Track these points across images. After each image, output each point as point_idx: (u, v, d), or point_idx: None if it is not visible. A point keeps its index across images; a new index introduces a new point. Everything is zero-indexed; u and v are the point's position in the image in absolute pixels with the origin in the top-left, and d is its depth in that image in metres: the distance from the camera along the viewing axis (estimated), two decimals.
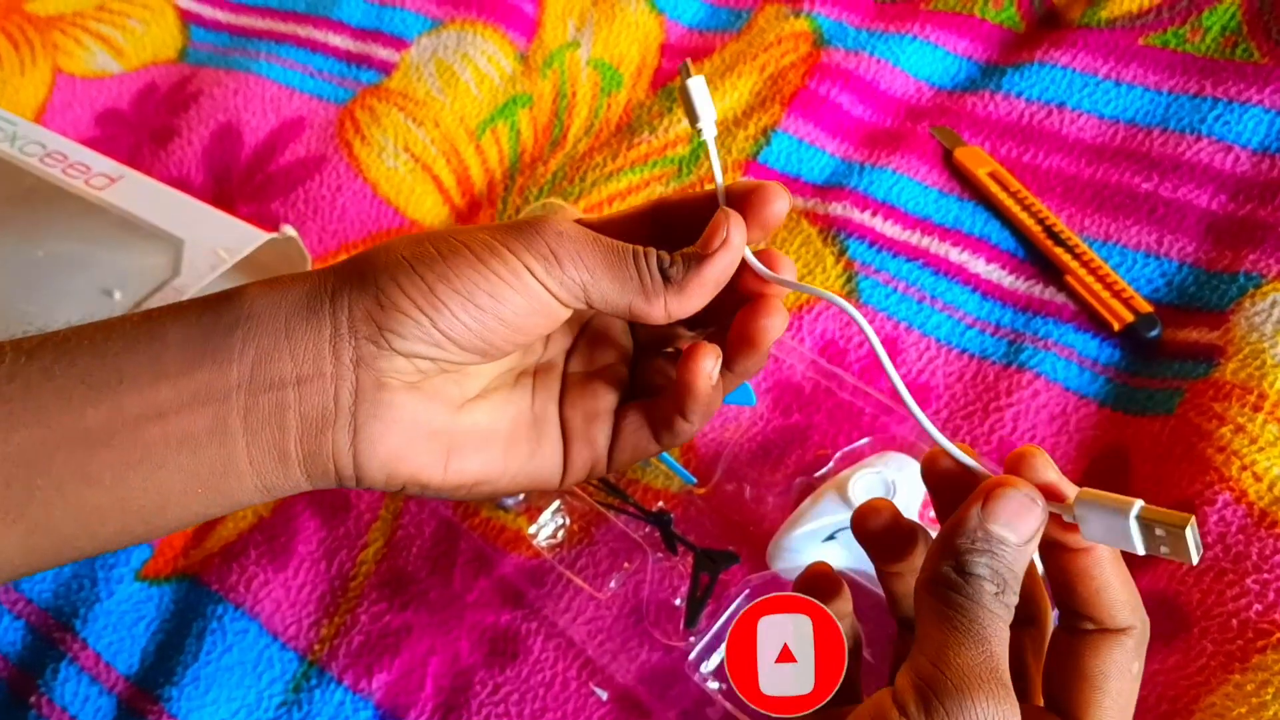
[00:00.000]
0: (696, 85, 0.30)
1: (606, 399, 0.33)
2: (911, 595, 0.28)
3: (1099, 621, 0.27)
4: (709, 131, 0.31)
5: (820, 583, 0.31)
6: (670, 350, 0.34)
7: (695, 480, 0.49)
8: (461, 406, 0.31)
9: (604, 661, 0.45)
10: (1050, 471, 0.27)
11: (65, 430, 0.26)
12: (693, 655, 0.42)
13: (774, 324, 0.30)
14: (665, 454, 0.49)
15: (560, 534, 0.48)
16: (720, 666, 0.43)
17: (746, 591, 0.44)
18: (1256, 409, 0.43)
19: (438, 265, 0.27)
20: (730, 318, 0.31)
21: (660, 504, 0.48)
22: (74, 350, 0.27)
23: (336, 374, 0.28)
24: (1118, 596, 0.27)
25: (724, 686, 0.42)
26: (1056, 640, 0.28)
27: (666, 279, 0.29)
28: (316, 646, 0.47)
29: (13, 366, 0.27)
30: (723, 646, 0.43)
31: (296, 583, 0.49)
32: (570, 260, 0.28)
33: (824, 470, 0.47)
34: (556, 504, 0.48)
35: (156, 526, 0.28)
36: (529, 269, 0.28)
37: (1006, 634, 0.25)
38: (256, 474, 0.28)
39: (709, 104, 0.31)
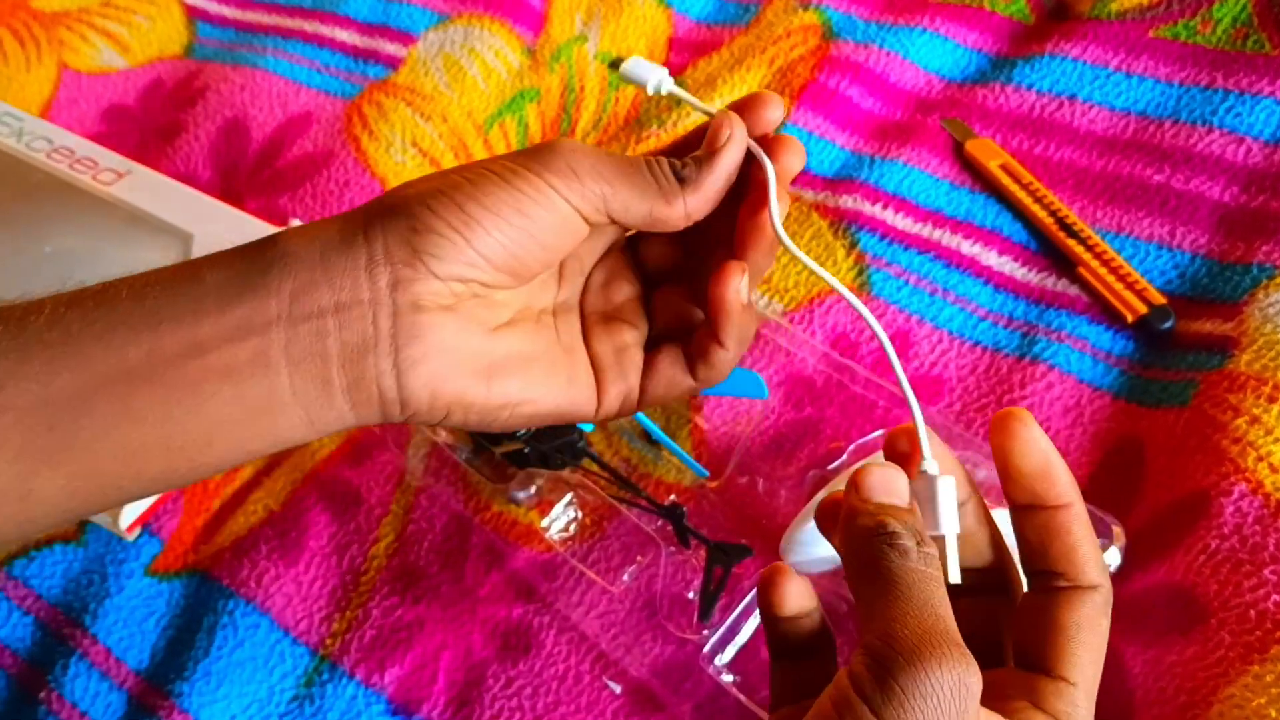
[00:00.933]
0: (628, 66, 0.34)
1: (630, 333, 0.34)
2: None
3: (1071, 578, 0.27)
4: (666, 84, 0.34)
5: (776, 579, 0.30)
6: (681, 286, 0.35)
7: (707, 474, 0.49)
8: (495, 330, 0.31)
9: (617, 655, 0.44)
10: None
11: (107, 371, 0.27)
12: (707, 648, 0.42)
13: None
14: (677, 447, 0.49)
15: (572, 527, 0.48)
16: (735, 659, 0.43)
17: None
18: (1272, 400, 0.43)
19: (466, 188, 0.29)
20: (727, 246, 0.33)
21: (673, 497, 0.48)
22: (113, 298, 0.28)
23: (374, 299, 0.28)
24: (1090, 554, 0.28)
25: (738, 679, 0.42)
26: (1027, 602, 0.28)
27: (681, 180, 0.30)
28: (328, 641, 0.47)
29: (52, 315, 0.27)
30: (737, 639, 0.43)
31: (308, 577, 0.48)
32: (589, 174, 0.29)
33: (837, 463, 0.47)
34: (569, 497, 0.48)
35: (201, 464, 0.28)
36: (552, 186, 0.29)
37: (944, 595, 0.25)
38: (301, 406, 0.28)
39: (648, 67, 0.34)
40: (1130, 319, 0.50)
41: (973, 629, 0.29)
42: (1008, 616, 0.29)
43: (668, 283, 0.35)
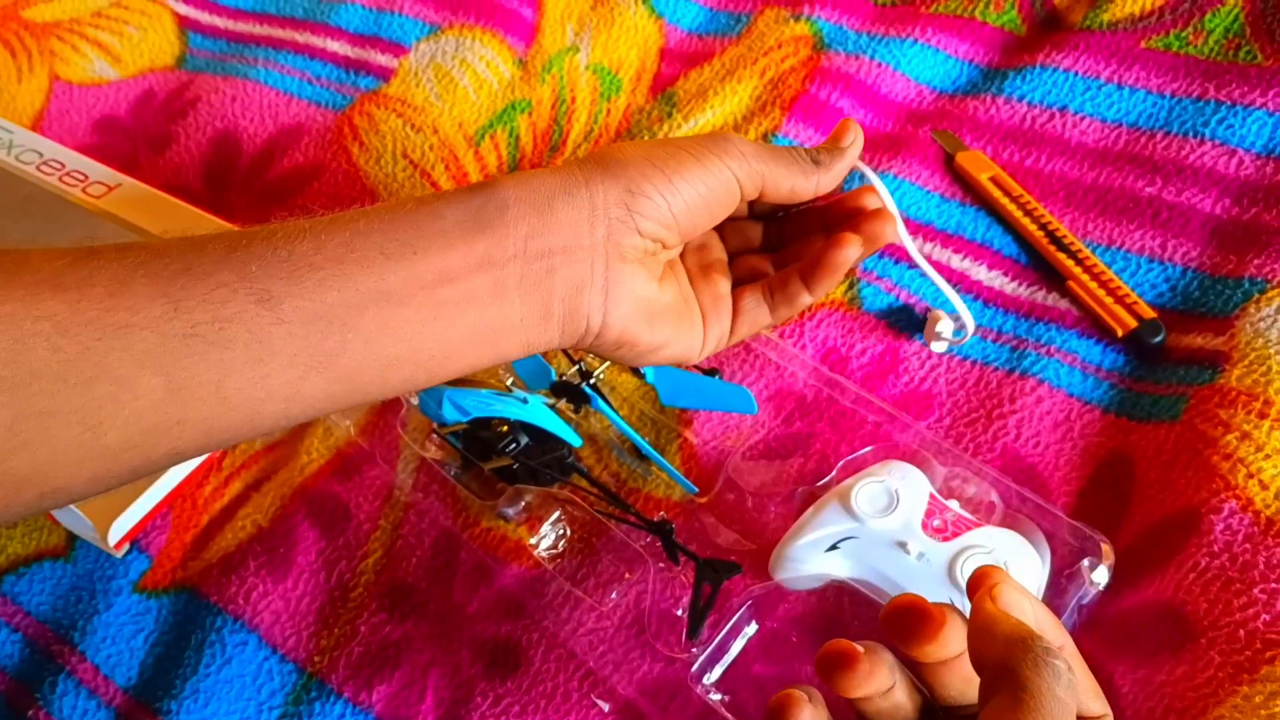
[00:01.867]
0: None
1: (724, 284, 0.41)
2: (948, 682, 0.29)
3: (1079, 710, 0.28)
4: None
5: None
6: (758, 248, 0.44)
7: (696, 489, 0.48)
8: (659, 281, 0.38)
9: (605, 673, 0.44)
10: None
11: (371, 291, 0.31)
12: (695, 667, 0.42)
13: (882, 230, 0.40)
14: (666, 463, 0.49)
15: (561, 544, 0.48)
16: (723, 677, 0.42)
17: (749, 603, 0.43)
18: (1262, 415, 0.43)
19: (670, 163, 0.36)
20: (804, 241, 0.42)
21: (661, 513, 0.48)
22: (365, 230, 0.32)
23: (592, 245, 0.34)
24: (1090, 686, 0.30)
25: (726, 698, 0.42)
26: None
27: (816, 164, 0.39)
28: (316, 658, 0.47)
29: (314, 241, 0.31)
30: (725, 658, 0.43)
31: (296, 594, 0.48)
32: (754, 156, 0.37)
33: (826, 479, 0.47)
34: (557, 514, 0.48)
35: (438, 375, 0.33)
36: (728, 166, 0.37)
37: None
38: (524, 330, 0.34)
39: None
40: (1120, 333, 0.50)
41: None
42: None
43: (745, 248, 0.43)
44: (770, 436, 0.50)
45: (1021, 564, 0.40)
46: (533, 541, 0.48)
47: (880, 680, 0.29)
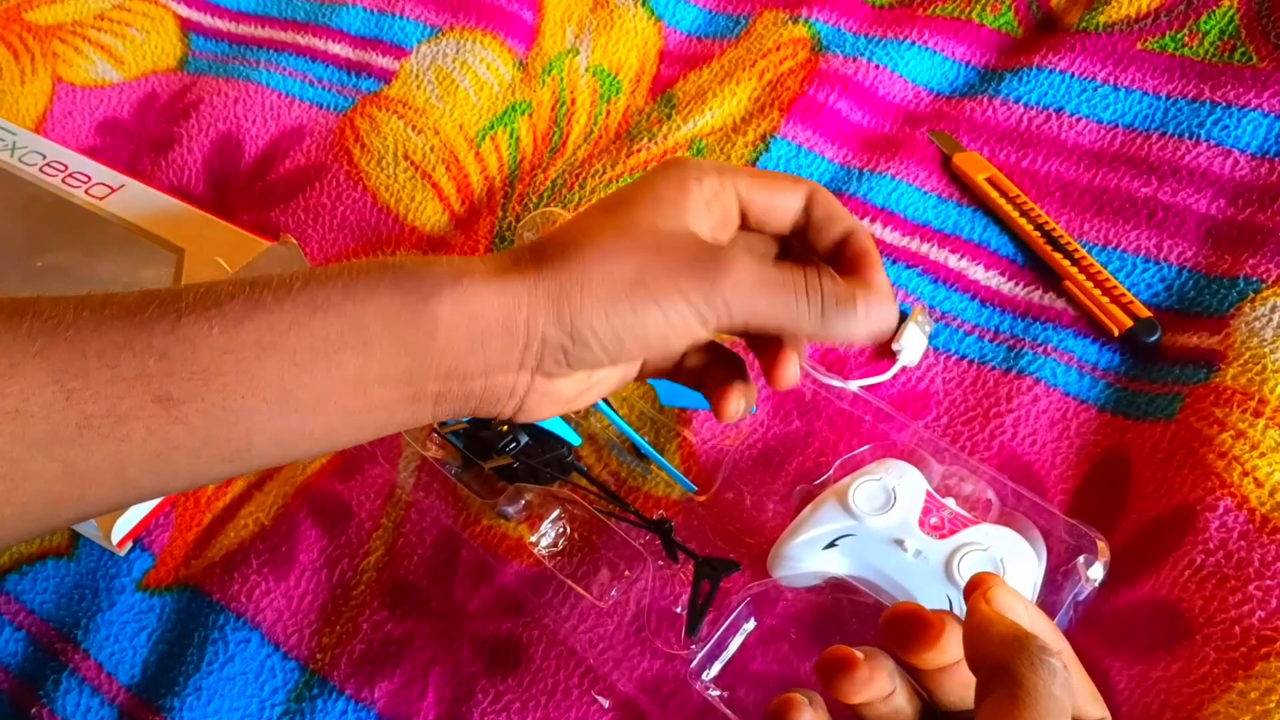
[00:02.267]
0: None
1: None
2: (948, 688, 0.30)
3: (1077, 713, 0.29)
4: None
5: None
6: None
7: (696, 488, 0.49)
8: (592, 374, 0.35)
9: (605, 670, 0.44)
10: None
11: (279, 401, 0.30)
12: (694, 663, 0.42)
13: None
14: (665, 461, 0.49)
15: (561, 542, 0.48)
16: (721, 674, 0.43)
17: (748, 600, 0.44)
18: (1257, 414, 0.43)
19: (630, 320, 0.32)
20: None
21: (661, 512, 0.48)
22: (280, 328, 0.30)
23: (518, 376, 0.33)
24: (1089, 691, 0.30)
25: (725, 694, 0.42)
26: None
27: (825, 312, 0.33)
28: (318, 656, 0.47)
29: (223, 337, 0.29)
30: (724, 655, 0.43)
31: (298, 592, 0.49)
32: (741, 309, 0.32)
33: (824, 478, 0.47)
34: (557, 512, 0.48)
35: (331, 450, 0.34)
36: (703, 322, 0.32)
37: None
38: (435, 419, 0.33)
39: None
40: (1116, 332, 0.50)
41: None
42: None
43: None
44: (769, 435, 0.50)
45: (1018, 561, 0.40)
46: (533, 540, 0.48)
47: (880, 686, 0.30)
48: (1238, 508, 0.41)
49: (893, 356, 0.51)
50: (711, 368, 0.38)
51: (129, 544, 0.50)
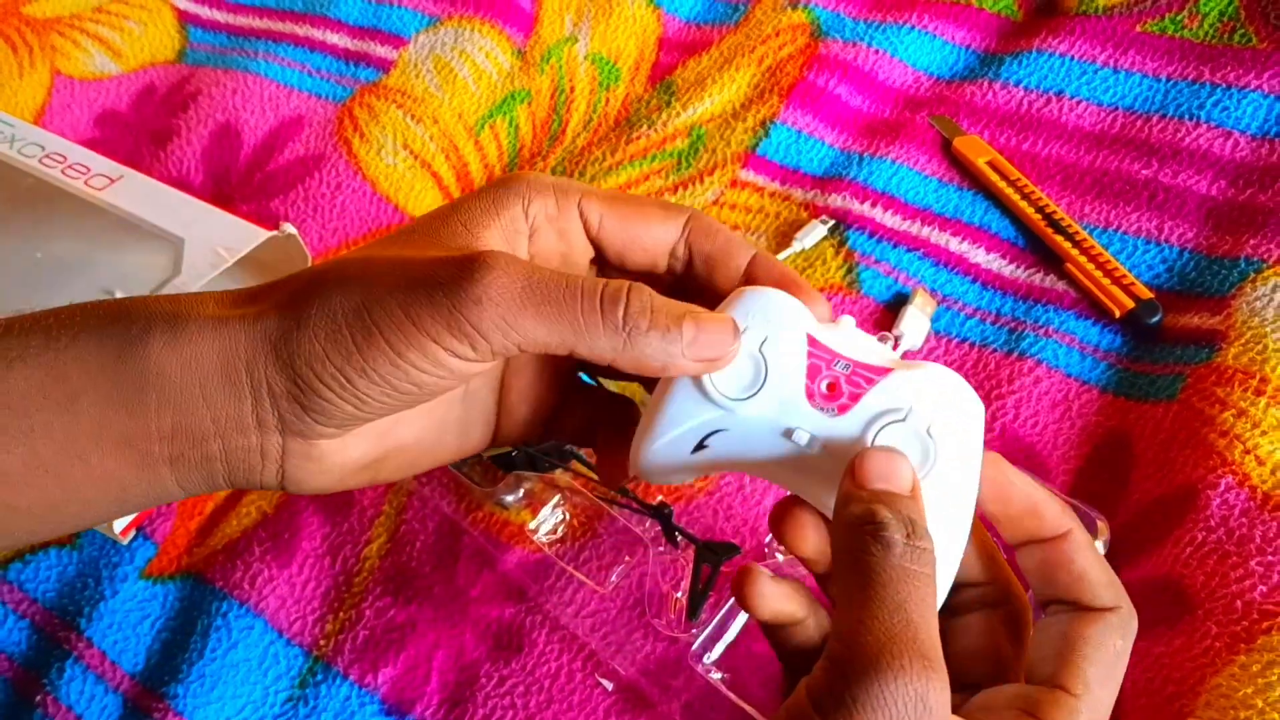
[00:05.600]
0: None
1: (552, 383, 0.31)
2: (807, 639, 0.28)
3: (1083, 604, 0.27)
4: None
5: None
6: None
7: None
8: (388, 432, 0.29)
9: (607, 654, 0.45)
10: None
11: None
12: (695, 646, 0.42)
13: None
14: None
15: (560, 529, 0.48)
16: (723, 656, 0.43)
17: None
18: (1259, 393, 0.43)
19: (354, 358, 0.25)
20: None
21: (660, 497, 0.48)
22: None
23: (261, 436, 0.27)
24: (1099, 578, 0.27)
25: (727, 676, 0.42)
26: (1039, 626, 0.28)
27: (624, 325, 0.26)
28: (322, 642, 0.47)
29: None
30: (725, 637, 0.43)
31: (301, 579, 0.49)
32: (497, 330, 0.25)
33: None
34: (557, 499, 0.48)
35: (65, 529, 0.29)
36: (451, 352, 0.25)
37: (930, 598, 0.23)
38: (186, 491, 0.28)
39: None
40: (1118, 314, 0.50)
41: (970, 646, 0.28)
42: (1008, 629, 0.29)
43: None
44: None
45: (954, 423, 0.28)
46: (532, 526, 0.48)
47: (783, 604, 0.29)
48: (1239, 485, 0.41)
49: (895, 341, 0.51)
50: (601, 422, 0.32)
51: (131, 532, 0.50)
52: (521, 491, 0.48)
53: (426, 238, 0.28)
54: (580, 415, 0.32)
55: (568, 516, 0.48)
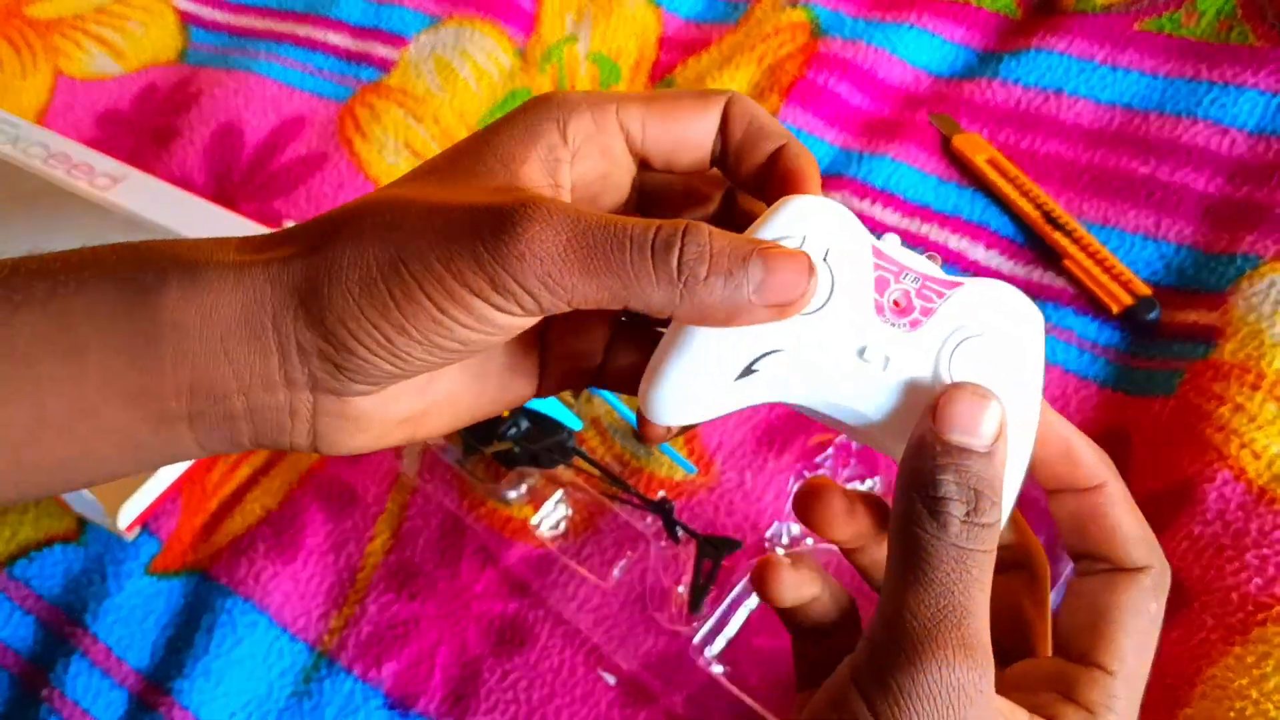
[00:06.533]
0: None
1: (599, 325, 0.28)
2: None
3: (1114, 561, 0.25)
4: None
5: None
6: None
7: (696, 469, 0.49)
8: (428, 385, 0.28)
9: (610, 648, 0.45)
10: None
11: None
12: (697, 639, 0.43)
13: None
14: (666, 444, 0.49)
15: (563, 524, 0.49)
16: (725, 650, 0.43)
17: (750, 576, 0.44)
18: (1255, 388, 0.44)
19: (392, 314, 0.23)
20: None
21: (662, 493, 0.49)
22: None
23: (291, 394, 0.25)
24: (1132, 534, 0.25)
25: (728, 669, 0.43)
26: (1071, 586, 0.27)
27: (679, 274, 0.23)
28: (326, 637, 0.47)
29: None
30: (726, 631, 0.43)
31: (305, 575, 0.49)
32: (543, 287, 0.23)
33: (825, 456, 0.48)
34: (559, 494, 0.49)
35: (77, 485, 0.27)
36: (495, 306, 0.23)
37: (983, 577, 0.22)
38: (207, 450, 0.26)
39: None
40: (1116, 310, 0.50)
41: (994, 611, 0.26)
42: (1031, 595, 0.28)
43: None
44: (771, 416, 0.50)
45: (1022, 335, 0.25)
46: (534, 521, 0.48)
47: (803, 590, 0.28)
48: (1235, 479, 0.41)
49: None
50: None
51: (136, 529, 0.51)
52: (524, 487, 0.49)
53: (462, 176, 0.25)
54: (630, 358, 0.28)
55: (570, 512, 0.49)
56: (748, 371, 0.25)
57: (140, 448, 0.25)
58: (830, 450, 0.48)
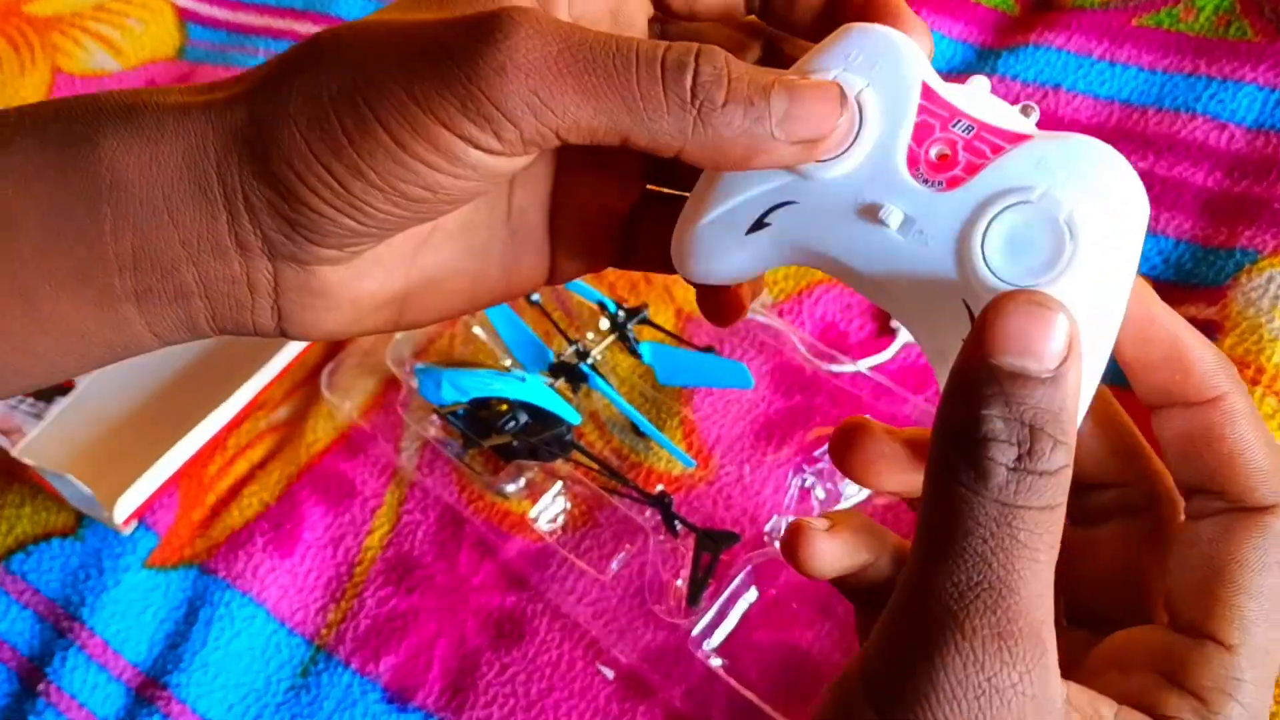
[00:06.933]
0: None
1: (619, 193, 0.25)
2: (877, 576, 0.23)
3: (1234, 498, 0.20)
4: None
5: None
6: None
7: (695, 463, 0.49)
8: (413, 257, 0.24)
9: (608, 642, 0.45)
10: None
11: None
12: (696, 632, 0.43)
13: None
14: (662, 437, 0.49)
15: (561, 518, 0.48)
16: (723, 643, 0.43)
17: (748, 569, 0.44)
18: (1254, 383, 0.44)
19: (345, 152, 0.20)
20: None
21: (660, 487, 0.49)
22: None
23: (245, 263, 0.22)
24: (1257, 461, 0.20)
25: (727, 663, 0.43)
26: (1179, 534, 0.21)
27: (693, 98, 0.19)
28: (324, 631, 0.47)
29: None
30: (725, 624, 0.43)
31: (303, 569, 0.49)
32: (526, 109, 0.19)
33: (822, 450, 0.48)
34: (558, 487, 0.49)
35: (34, 384, 0.24)
36: (469, 141, 0.20)
37: (1037, 542, 0.17)
38: (160, 338, 0.23)
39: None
40: None
41: (1101, 569, 0.22)
42: (1152, 546, 0.22)
43: None
44: (770, 410, 0.50)
45: (1106, 205, 0.20)
46: (532, 515, 0.48)
47: (844, 558, 0.23)
48: None
49: (893, 333, 0.52)
50: None
51: (134, 523, 0.50)
52: (523, 481, 0.49)
53: (437, 4, 0.21)
54: (657, 237, 0.24)
55: (568, 505, 0.49)
56: (759, 225, 0.22)
57: (85, 338, 0.22)
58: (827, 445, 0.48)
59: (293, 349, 0.53)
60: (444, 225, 0.24)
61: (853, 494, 0.46)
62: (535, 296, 0.54)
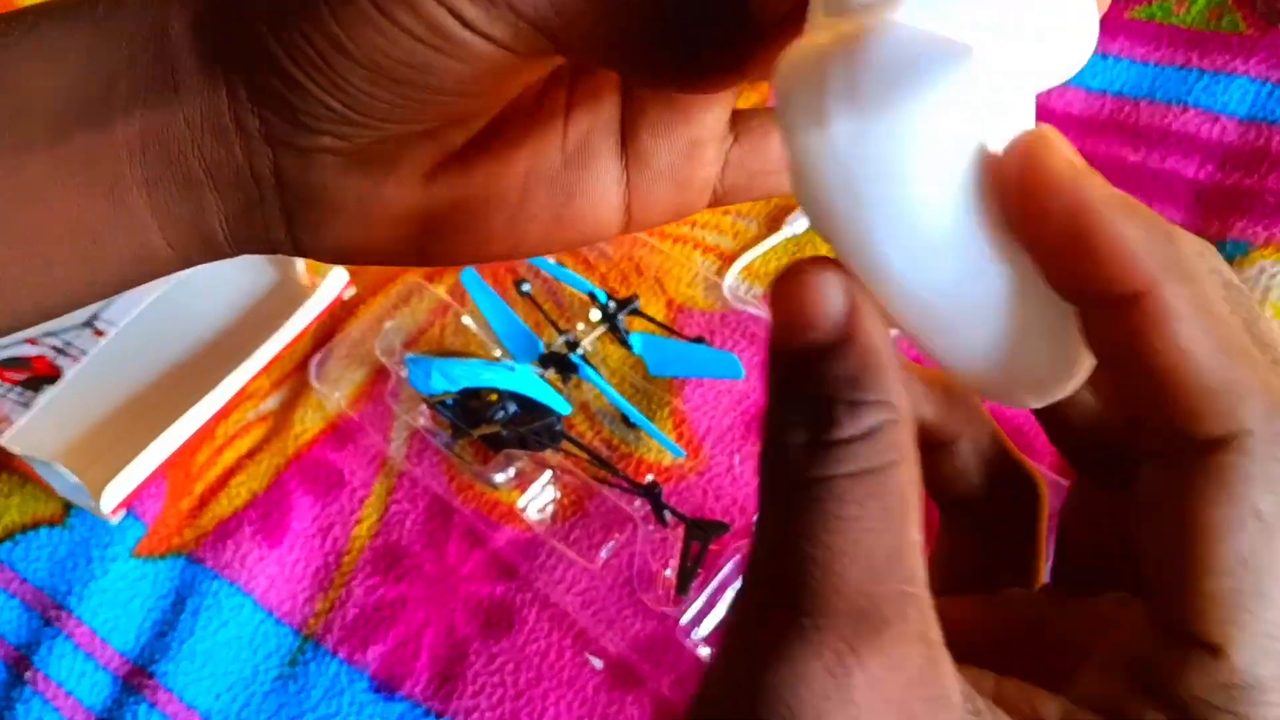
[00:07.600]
0: None
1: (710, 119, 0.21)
2: (959, 467, 0.19)
3: (1179, 430, 0.14)
4: None
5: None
6: None
7: (684, 453, 0.49)
8: (433, 171, 0.22)
9: (597, 631, 0.45)
10: None
11: None
12: (684, 621, 0.43)
13: None
14: (652, 427, 0.49)
15: (550, 507, 0.48)
16: (712, 632, 0.43)
17: (737, 558, 0.44)
18: None
19: (326, 23, 0.18)
20: None
21: (650, 476, 0.49)
22: None
23: (246, 146, 0.21)
24: (1200, 378, 0.14)
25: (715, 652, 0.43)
26: (1144, 502, 0.15)
27: None
28: (311, 621, 0.47)
29: None
30: (714, 613, 0.43)
31: (291, 559, 0.49)
32: None
33: None
34: (546, 476, 0.49)
35: (48, 310, 0.23)
36: (455, 13, 0.18)
37: (859, 512, 0.14)
38: (179, 255, 0.22)
39: None
40: None
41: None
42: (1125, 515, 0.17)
43: None
44: (761, 401, 0.50)
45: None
46: (521, 505, 0.48)
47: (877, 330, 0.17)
48: None
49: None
50: None
51: (121, 512, 0.50)
52: (512, 470, 0.49)
53: None
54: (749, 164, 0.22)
55: (558, 495, 0.49)
56: None
57: (97, 242, 0.21)
58: None
59: (282, 337, 0.53)
60: (474, 148, 0.22)
61: None
62: (526, 287, 0.54)
